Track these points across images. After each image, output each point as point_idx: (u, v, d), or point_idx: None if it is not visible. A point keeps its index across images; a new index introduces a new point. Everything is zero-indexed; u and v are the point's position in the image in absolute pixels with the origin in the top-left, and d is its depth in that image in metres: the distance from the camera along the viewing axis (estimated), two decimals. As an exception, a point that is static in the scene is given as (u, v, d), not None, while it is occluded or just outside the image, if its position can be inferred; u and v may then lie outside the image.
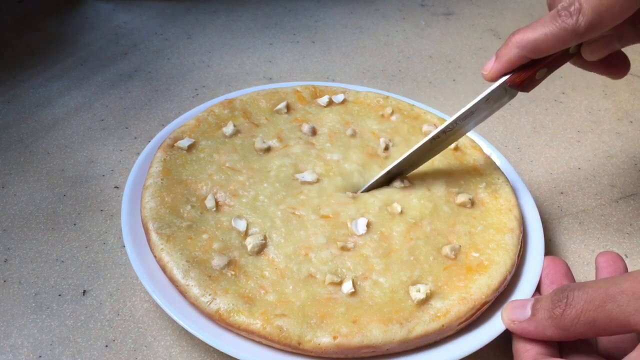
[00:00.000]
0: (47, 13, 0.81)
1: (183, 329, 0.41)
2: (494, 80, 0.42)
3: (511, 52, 0.40)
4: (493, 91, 0.43)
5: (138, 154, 0.53)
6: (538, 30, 0.38)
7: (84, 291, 0.44)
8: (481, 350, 0.38)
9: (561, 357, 0.37)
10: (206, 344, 0.40)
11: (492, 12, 0.93)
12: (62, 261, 0.46)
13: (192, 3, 0.87)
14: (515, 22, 0.90)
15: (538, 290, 0.43)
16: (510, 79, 0.42)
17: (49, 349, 0.39)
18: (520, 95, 0.71)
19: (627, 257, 0.51)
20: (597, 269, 0.42)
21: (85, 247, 0.47)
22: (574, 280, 0.42)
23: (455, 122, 0.45)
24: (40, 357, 0.39)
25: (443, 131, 0.46)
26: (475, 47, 0.82)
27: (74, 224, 0.49)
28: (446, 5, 0.94)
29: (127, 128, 0.61)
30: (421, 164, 0.50)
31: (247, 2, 0.89)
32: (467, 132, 0.47)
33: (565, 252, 0.51)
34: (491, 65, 0.42)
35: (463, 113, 0.44)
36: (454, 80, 0.74)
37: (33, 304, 0.42)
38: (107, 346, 0.40)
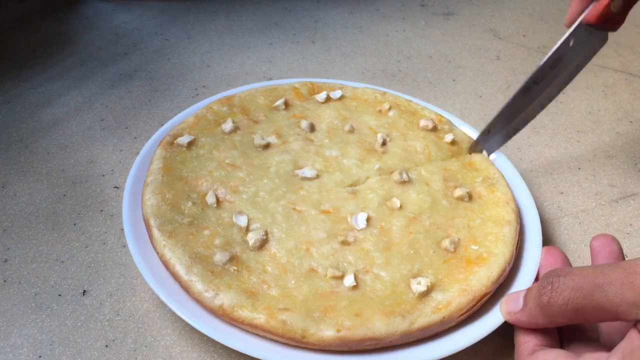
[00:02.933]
0: (47, 13, 0.81)
1: (183, 328, 0.41)
2: (573, 23, 0.44)
3: None
4: (573, 33, 0.44)
5: (138, 154, 0.53)
6: None
7: (84, 291, 0.44)
8: (484, 342, 0.38)
9: (562, 346, 0.37)
10: (205, 344, 0.40)
11: (492, 12, 0.93)
12: (62, 261, 0.46)
13: (192, 3, 0.87)
14: (515, 22, 0.90)
15: (537, 280, 0.43)
16: (585, 16, 0.43)
17: (49, 349, 0.39)
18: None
19: (627, 257, 0.50)
20: (592, 253, 0.42)
21: (85, 247, 0.47)
22: None
23: (542, 70, 0.45)
24: (40, 357, 0.39)
25: (533, 81, 0.46)
26: (475, 47, 0.82)
27: (74, 224, 0.49)
28: (446, 5, 0.94)
29: (127, 128, 0.61)
30: (522, 127, 0.50)
31: (247, 2, 0.89)
32: (564, 84, 0.47)
33: (566, 252, 0.51)
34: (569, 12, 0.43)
35: (548, 59, 0.45)
36: (454, 80, 0.74)
37: (33, 304, 0.42)
38: (107, 346, 0.40)
